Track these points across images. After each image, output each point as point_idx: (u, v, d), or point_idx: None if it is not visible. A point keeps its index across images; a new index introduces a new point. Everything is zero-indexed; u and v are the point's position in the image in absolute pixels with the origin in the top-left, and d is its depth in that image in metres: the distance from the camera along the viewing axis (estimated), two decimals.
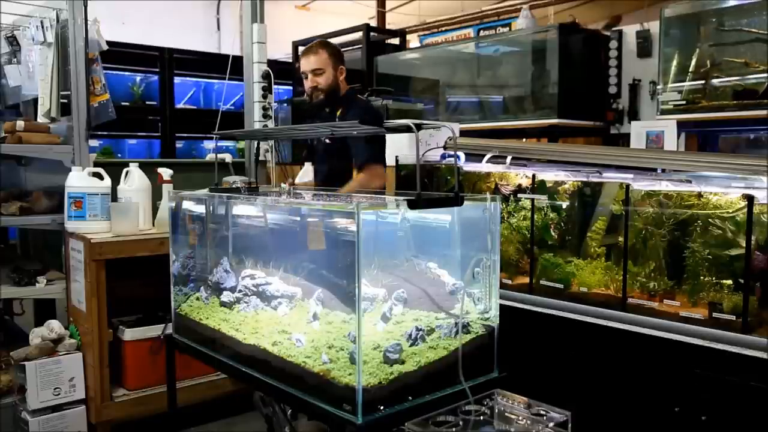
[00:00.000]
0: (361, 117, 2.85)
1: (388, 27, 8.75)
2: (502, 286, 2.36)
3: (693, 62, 3.83)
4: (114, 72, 5.49)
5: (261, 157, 4.56)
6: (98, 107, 3.47)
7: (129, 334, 3.03)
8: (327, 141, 3.07)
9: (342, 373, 1.63)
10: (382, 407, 1.61)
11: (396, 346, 1.66)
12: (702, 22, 3.87)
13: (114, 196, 3.15)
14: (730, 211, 2.24)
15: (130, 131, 6.03)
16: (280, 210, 2.24)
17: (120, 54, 5.20)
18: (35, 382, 2.81)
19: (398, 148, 3.25)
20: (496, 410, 1.67)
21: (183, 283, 2.41)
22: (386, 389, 1.62)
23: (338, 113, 3.06)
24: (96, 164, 3.30)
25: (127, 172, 3.18)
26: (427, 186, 3.20)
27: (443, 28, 9.14)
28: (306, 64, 3.04)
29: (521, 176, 2.90)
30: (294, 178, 3.57)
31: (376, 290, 1.79)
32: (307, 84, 3.06)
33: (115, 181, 3.17)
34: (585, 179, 2.73)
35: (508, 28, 6.82)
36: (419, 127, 1.70)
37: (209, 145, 6.17)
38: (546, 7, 8.00)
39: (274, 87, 4.59)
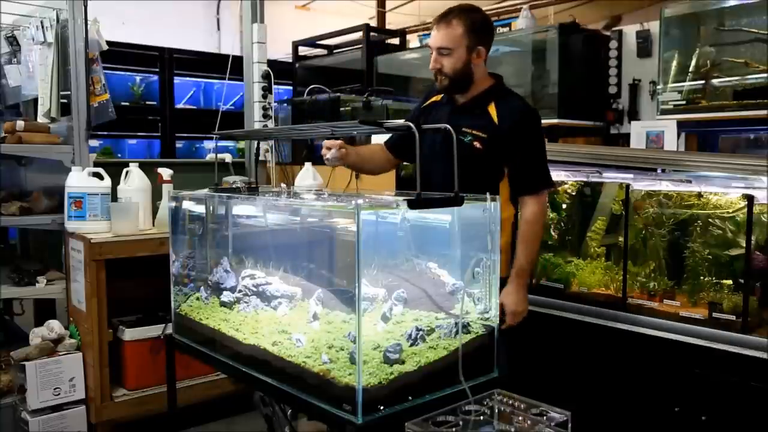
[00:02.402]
0: (524, 123, 2.27)
1: (388, 27, 8.74)
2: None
3: (693, 62, 3.83)
4: (114, 72, 5.49)
5: (261, 157, 4.56)
6: (98, 107, 3.47)
7: (129, 334, 3.02)
8: (477, 145, 2.28)
9: (342, 373, 1.63)
10: (382, 407, 1.61)
11: (396, 346, 1.66)
12: (702, 22, 3.87)
13: (114, 196, 3.15)
14: (730, 211, 2.24)
15: (130, 131, 6.03)
16: (280, 210, 2.24)
17: (120, 54, 5.20)
18: (35, 382, 2.81)
19: None
20: (496, 410, 1.66)
21: (183, 283, 2.41)
22: (386, 389, 1.62)
23: (492, 112, 2.32)
24: (96, 164, 3.30)
25: (127, 172, 3.18)
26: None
27: None
28: (433, 37, 2.34)
29: None
30: (294, 179, 3.57)
31: (376, 290, 1.79)
32: (431, 63, 2.37)
33: (115, 181, 3.17)
34: (585, 179, 2.73)
35: (508, 28, 6.80)
36: (419, 127, 1.70)
37: (209, 145, 6.16)
38: (546, 7, 7.99)
39: (274, 87, 4.59)
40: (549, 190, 2.36)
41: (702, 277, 2.29)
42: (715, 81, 3.75)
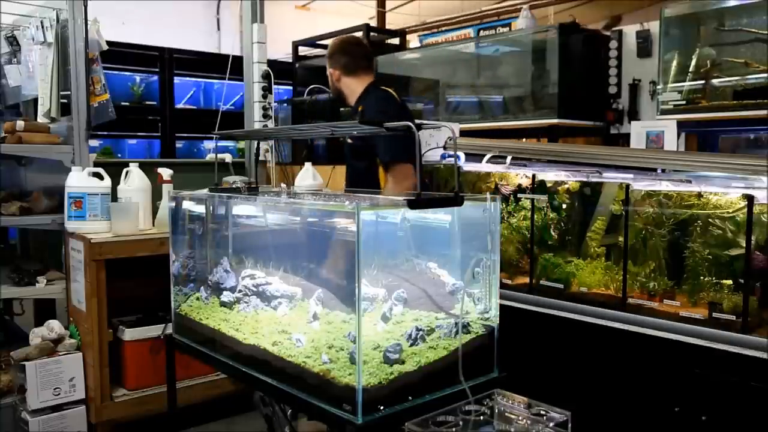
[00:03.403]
0: (372, 109, 2.82)
1: (388, 27, 8.74)
2: (502, 286, 2.36)
3: (693, 62, 3.82)
4: (114, 72, 5.49)
5: (261, 157, 4.56)
6: (98, 107, 3.48)
7: (129, 334, 3.03)
8: (349, 141, 2.95)
9: (342, 373, 1.63)
10: (382, 407, 1.61)
11: (396, 346, 1.66)
12: (702, 22, 3.86)
13: (114, 196, 3.15)
14: (730, 211, 2.24)
15: (130, 131, 6.04)
16: (280, 210, 2.24)
17: (120, 54, 5.21)
18: (35, 382, 2.81)
19: None
20: (496, 410, 1.66)
21: (183, 283, 2.41)
22: (386, 389, 1.62)
23: (359, 110, 2.97)
24: (96, 164, 3.30)
25: (127, 172, 3.18)
26: (427, 186, 3.20)
27: (443, 28, 9.14)
28: None
29: (521, 176, 2.90)
30: (294, 179, 3.57)
31: (376, 290, 1.79)
32: None
33: (115, 181, 3.17)
34: (585, 179, 2.72)
35: (508, 28, 6.81)
36: (419, 127, 1.70)
37: (209, 145, 6.17)
38: (546, 7, 8.00)
39: (274, 87, 4.60)
40: (399, 163, 2.68)
41: (702, 277, 2.29)
42: (715, 81, 3.74)
